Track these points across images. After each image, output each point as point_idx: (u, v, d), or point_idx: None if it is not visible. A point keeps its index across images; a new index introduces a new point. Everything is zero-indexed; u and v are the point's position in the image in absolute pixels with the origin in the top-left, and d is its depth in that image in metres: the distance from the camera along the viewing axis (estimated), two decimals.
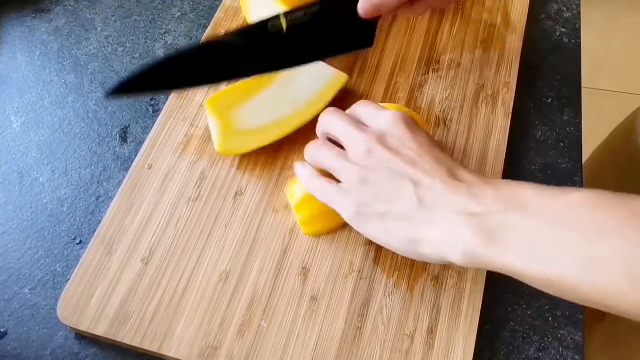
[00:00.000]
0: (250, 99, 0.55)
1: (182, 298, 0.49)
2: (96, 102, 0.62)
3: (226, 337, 0.48)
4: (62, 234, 0.54)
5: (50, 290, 0.52)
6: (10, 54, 0.65)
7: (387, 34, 0.64)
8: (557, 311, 0.50)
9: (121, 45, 0.66)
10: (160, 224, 0.52)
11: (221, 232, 0.52)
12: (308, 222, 0.51)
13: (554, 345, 0.49)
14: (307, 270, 0.50)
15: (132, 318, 0.48)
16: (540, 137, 0.59)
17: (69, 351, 0.49)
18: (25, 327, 0.50)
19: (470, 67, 0.61)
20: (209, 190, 0.54)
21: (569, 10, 0.68)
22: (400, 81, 0.61)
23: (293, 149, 0.56)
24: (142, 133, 0.60)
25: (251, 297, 0.49)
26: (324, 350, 0.47)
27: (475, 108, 0.59)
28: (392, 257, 0.51)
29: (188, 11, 0.69)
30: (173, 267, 0.50)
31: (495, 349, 0.49)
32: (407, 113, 0.48)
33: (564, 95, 0.62)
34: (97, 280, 0.50)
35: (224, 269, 0.50)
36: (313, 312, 0.48)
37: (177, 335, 0.48)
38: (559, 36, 0.66)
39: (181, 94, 0.59)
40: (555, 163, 0.58)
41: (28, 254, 0.53)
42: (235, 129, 0.54)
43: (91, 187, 0.57)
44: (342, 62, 0.62)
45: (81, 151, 0.59)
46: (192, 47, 0.51)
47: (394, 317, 0.48)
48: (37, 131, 0.60)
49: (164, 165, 0.55)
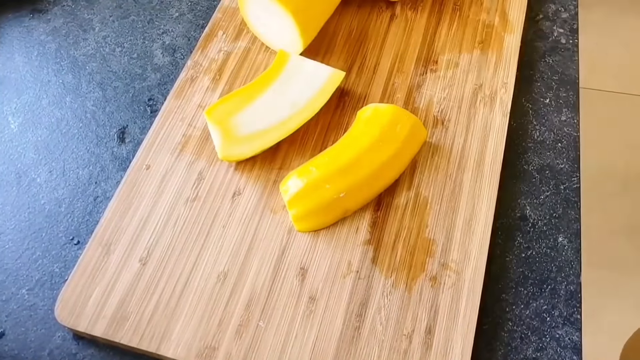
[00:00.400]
0: (248, 105, 0.55)
1: (180, 299, 0.49)
2: (94, 103, 0.62)
3: (224, 338, 0.48)
4: (59, 235, 0.54)
5: (48, 291, 0.52)
6: (8, 55, 0.65)
7: (386, 35, 0.64)
8: (555, 311, 0.50)
9: (119, 46, 0.66)
10: (158, 225, 0.52)
11: (219, 232, 0.52)
12: (301, 219, 0.51)
13: (552, 345, 0.49)
14: (305, 271, 0.50)
15: (130, 319, 0.48)
16: (538, 137, 0.59)
17: (67, 352, 0.49)
18: (23, 328, 0.50)
19: (468, 67, 0.61)
20: (207, 191, 0.54)
21: (566, 10, 0.68)
22: (398, 82, 0.61)
23: (291, 150, 0.56)
24: (140, 133, 0.60)
25: (249, 298, 0.49)
26: (322, 351, 0.47)
27: (474, 108, 0.59)
28: (390, 258, 0.51)
29: (186, 12, 0.69)
30: (171, 268, 0.50)
31: (494, 349, 0.49)
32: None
33: (562, 96, 0.62)
34: (95, 281, 0.50)
35: (222, 270, 0.50)
36: (311, 312, 0.48)
37: (175, 335, 0.48)
38: (557, 37, 0.66)
39: (180, 94, 0.59)
40: (553, 163, 0.58)
41: (26, 255, 0.53)
42: (236, 136, 0.54)
43: (89, 188, 0.57)
44: (340, 63, 0.62)
45: (79, 152, 0.59)
46: None
47: (392, 317, 0.48)
48: (34, 132, 0.60)
49: (162, 166, 0.55)
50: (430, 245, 0.51)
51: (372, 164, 0.52)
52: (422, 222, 0.52)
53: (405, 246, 0.51)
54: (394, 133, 0.53)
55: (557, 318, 0.50)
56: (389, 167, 0.53)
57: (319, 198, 0.51)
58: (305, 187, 0.51)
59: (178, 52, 0.65)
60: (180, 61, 0.65)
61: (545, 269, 0.52)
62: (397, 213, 0.53)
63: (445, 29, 0.64)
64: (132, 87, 0.63)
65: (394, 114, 0.54)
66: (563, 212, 0.55)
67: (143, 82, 0.63)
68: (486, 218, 0.52)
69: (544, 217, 0.55)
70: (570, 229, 0.54)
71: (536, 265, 0.52)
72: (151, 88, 0.63)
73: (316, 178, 0.51)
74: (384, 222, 0.52)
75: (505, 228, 0.54)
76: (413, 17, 0.65)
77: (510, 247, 0.53)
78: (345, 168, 0.52)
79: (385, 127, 0.53)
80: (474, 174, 0.55)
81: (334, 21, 0.65)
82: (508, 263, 0.53)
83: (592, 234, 1.42)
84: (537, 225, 0.54)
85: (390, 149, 0.53)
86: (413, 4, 0.66)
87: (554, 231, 0.54)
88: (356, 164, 0.52)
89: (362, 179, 0.52)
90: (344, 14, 0.65)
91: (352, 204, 0.52)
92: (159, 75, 0.64)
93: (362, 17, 0.65)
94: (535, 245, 0.53)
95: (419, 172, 0.55)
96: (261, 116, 0.55)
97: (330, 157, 0.53)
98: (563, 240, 0.54)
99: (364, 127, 0.54)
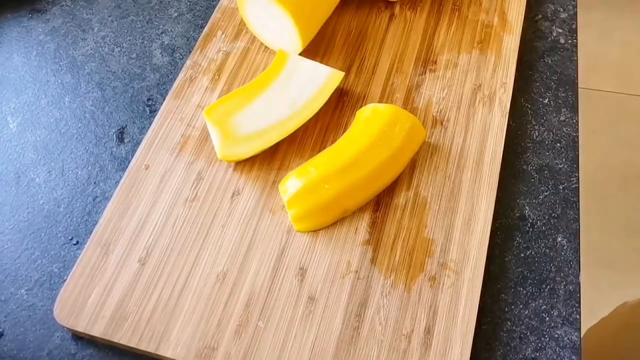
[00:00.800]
0: (248, 105, 0.55)
1: (180, 299, 0.49)
2: (93, 103, 0.62)
3: (223, 338, 0.47)
4: (59, 235, 0.54)
5: (47, 291, 0.52)
6: (7, 55, 0.65)
7: (385, 35, 0.64)
8: (554, 311, 0.50)
9: (118, 46, 0.66)
10: (158, 225, 0.52)
11: (218, 232, 0.52)
12: (300, 219, 0.51)
13: (551, 345, 0.49)
14: (304, 271, 0.50)
15: (129, 319, 0.48)
16: (537, 137, 0.59)
17: (66, 352, 0.49)
18: (22, 328, 0.50)
19: (467, 67, 0.61)
20: (206, 191, 0.54)
21: (565, 11, 0.68)
22: (397, 82, 0.61)
23: (290, 150, 0.56)
24: (139, 134, 0.60)
25: (248, 298, 0.49)
26: (322, 351, 0.47)
27: (473, 108, 0.59)
28: (389, 258, 0.51)
29: (185, 12, 0.69)
30: (170, 268, 0.50)
31: (493, 349, 0.49)
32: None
33: (561, 96, 0.62)
34: (94, 281, 0.50)
35: (221, 270, 0.50)
36: (310, 312, 0.48)
37: (175, 336, 0.48)
38: (556, 37, 0.66)
39: (179, 94, 0.59)
40: (552, 163, 0.58)
41: (25, 255, 0.53)
42: (235, 136, 0.54)
43: (88, 188, 0.57)
44: (339, 63, 0.62)
45: (78, 152, 0.59)
46: None
47: (392, 317, 0.48)
48: (33, 132, 0.60)
49: (161, 166, 0.55)
50: (429, 245, 0.51)
51: (371, 164, 0.52)
52: (421, 222, 0.53)
53: (404, 246, 0.51)
54: (393, 133, 0.53)
55: (556, 318, 0.50)
56: (388, 167, 0.53)
57: (318, 198, 0.51)
58: (304, 187, 0.51)
59: (177, 52, 0.65)
60: (179, 61, 0.65)
61: (544, 269, 0.52)
62: (396, 213, 0.53)
63: (444, 29, 0.64)
64: (131, 87, 0.63)
65: (393, 114, 0.54)
66: (562, 212, 0.55)
67: (142, 82, 0.63)
68: (485, 218, 0.52)
69: (543, 217, 0.55)
70: (569, 229, 0.54)
71: (535, 265, 0.52)
72: (150, 88, 0.63)
73: (315, 178, 0.51)
74: (383, 222, 0.53)
75: (504, 228, 0.54)
76: (412, 17, 0.65)
77: (509, 247, 0.53)
78: (344, 168, 0.52)
79: (384, 127, 0.53)
80: (473, 174, 0.55)
81: (333, 21, 0.65)
82: (507, 263, 0.53)
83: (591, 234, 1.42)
84: (536, 225, 0.54)
85: (389, 149, 0.53)
86: (412, 4, 0.66)
87: (553, 231, 0.54)
88: (355, 164, 0.52)
89: (361, 179, 0.52)
90: (343, 14, 0.65)
91: (351, 204, 0.52)
92: (158, 75, 0.64)
93: (361, 17, 0.65)
94: (534, 245, 0.53)
95: (418, 172, 0.55)
96: (260, 116, 0.55)
97: (329, 157, 0.53)
98: (562, 240, 0.54)
99: (363, 127, 0.54)
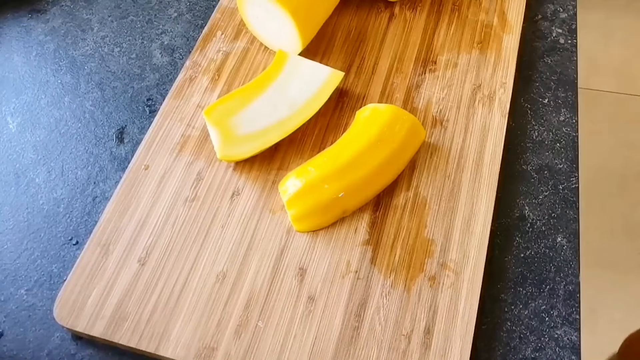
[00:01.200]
0: (247, 105, 0.55)
1: (179, 299, 0.49)
2: (93, 103, 0.62)
3: (223, 338, 0.47)
4: (58, 235, 0.54)
5: (46, 291, 0.52)
6: (6, 55, 0.65)
7: (385, 35, 0.64)
8: (554, 311, 0.50)
9: (118, 46, 0.66)
10: (157, 225, 0.52)
11: (218, 232, 0.52)
12: (300, 219, 0.51)
13: (550, 345, 0.49)
14: (304, 271, 0.50)
15: (129, 319, 0.48)
16: (537, 137, 0.59)
17: (66, 352, 0.49)
18: (21, 329, 0.50)
19: (467, 67, 0.61)
20: (206, 191, 0.54)
21: (565, 11, 0.68)
22: (397, 82, 0.61)
23: (290, 150, 0.56)
24: (139, 134, 0.60)
25: (248, 298, 0.49)
26: (321, 351, 0.47)
27: (472, 108, 0.59)
28: (389, 258, 0.51)
29: (185, 12, 0.69)
30: (170, 268, 0.50)
31: (492, 350, 0.49)
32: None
33: (561, 96, 0.62)
34: (93, 281, 0.50)
35: (221, 270, 0.50)
36: (310, 312, 0.48)
37: (174, 336, 0.48)
38: (556, 37, 0.66)
39: (179, 95, 0.59)
40: (551, 163, 0.58)
41: (24, 255, 0.53)
42: (235, 136, 0.54)
43: (88, 188, 0.57)
44: (338, 63, 0.62)
45: (78, 152, 0.59)
46: None
47: (391, 317, 0.48)
48: (33, 132, 0.60)
49: (161, 166, 0.55)
50: (429, 245, 0.51)
51: (371, 164, 0.52)
52: (421, 222, 0.53)
53: (404, 246, 0.51)
54: (392, 133, 0.53)
55: (555, 318, 0.50)
56: (388, 167, 0.53)
57: (318, 198, 0.51)
58: (304, 188, 0.51)
59: (177, 52, 0.65)
60: (179, 61, 0.65)
61: (544, 269, 0.52)
62: (396, 213, 0.53)
63: (444, 29, 0.64)
64: (130, 87, 0.63)
65: (392, 114, 0.54)
66: (562, 212, 0.55)
67: (142, 82, 0.63)
68: (485, 218, 0.52)
69: (543, 217, 0.55)
70: (569, 229, 0.54)
71: (535, 265, 0.52)
72: (150, 88, 0.63)
73: (315, 178, 0.51)
74: (382, 223, 0.53)
75: (504, 228, 0.54)
76: (412, 17, 0.65)
77: (509, 247, 0.53)
78: (344, 168, 0.52)
79: (384, 127, 0.53)
80: (472, 174, 0.55)
81: (332, 21, 0.65)
82: (507, 263, 0.53)
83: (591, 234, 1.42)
84: (535, 225, 0.54)
85: (388, 149, 0.53)
86: (412, 4, 0.66)
87: (553, 231, 0.54)
88: (355, 164, 0.52)
89: (360, 179, 0.52)
90: (342, 14, 0.65)
91: (351, 204, 0.52)
92: (158, 76, 0.64)
93: (361, 17, 0.65)
94: (534, 245, 0.53)
95: (418, 172, 0.55)
96: (260, 116, 0.55)
97: (329, 157, 0.53)
98: (562, 240, 0.54)
99: (363, 127, 0.54)
